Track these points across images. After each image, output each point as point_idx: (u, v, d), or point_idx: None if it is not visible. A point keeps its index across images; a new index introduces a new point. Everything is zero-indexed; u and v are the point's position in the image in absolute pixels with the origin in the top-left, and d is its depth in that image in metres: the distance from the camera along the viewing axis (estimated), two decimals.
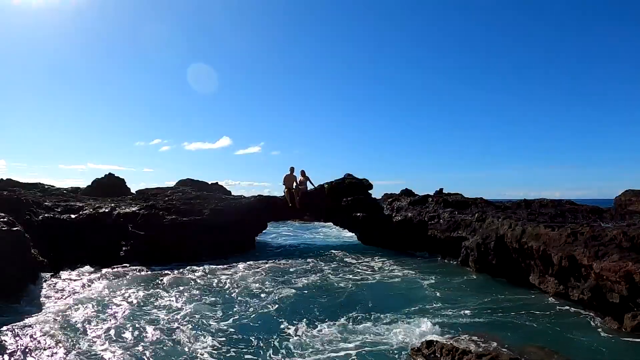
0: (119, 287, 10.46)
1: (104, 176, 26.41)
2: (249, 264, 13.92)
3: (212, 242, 15.34)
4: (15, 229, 10.60)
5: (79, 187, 26.29)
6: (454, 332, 7.52)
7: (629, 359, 6.85)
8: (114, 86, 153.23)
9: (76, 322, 7.91)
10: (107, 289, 10.26)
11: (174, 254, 14.36)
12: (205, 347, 6.85)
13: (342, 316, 8.49)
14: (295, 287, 10.75)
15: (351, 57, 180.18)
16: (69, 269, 12.42)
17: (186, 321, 8.02)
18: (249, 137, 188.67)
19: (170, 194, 19.13)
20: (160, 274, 12.23)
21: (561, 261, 9.64)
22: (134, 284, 10.90)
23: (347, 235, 22.15)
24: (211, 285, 10.87)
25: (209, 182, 32.79)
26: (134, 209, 15.74)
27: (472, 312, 8.97)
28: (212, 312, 8.66)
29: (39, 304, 9.01)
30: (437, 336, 7.29)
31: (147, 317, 8.26)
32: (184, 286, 10.72)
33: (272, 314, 8.58)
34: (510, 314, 8.88)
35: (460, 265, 14.10)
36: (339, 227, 20.38)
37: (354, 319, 8.32)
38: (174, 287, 10.68)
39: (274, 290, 10.44)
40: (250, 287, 10.69)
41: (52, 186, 25.28)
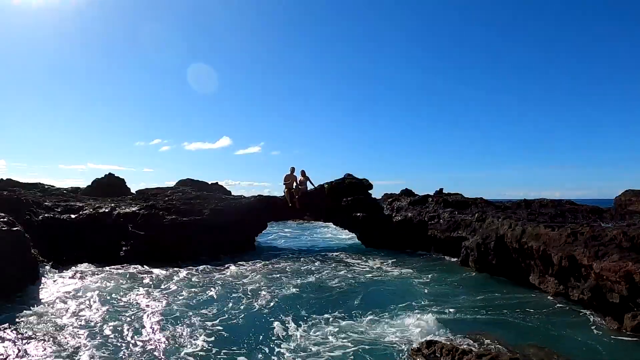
0: (118, 287, 10.47)
1: (104, 176, 26.43)
2: (248, 264, 13.96)
3: (212, 242, 15.36)
4: (15, 229, 10.60)
5: (79, 187, 26.30)
6: (454, 332, 7.51)
7: (629, 359, 6.84)
8: (114, 86, 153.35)
9: (73, 321, 7.92)
10: (106, 289, 10.26)
11: (174, 254, 14.36)
12: (197, 347, 6.82)
13: (340, 315, 8.49)
14: (292, 288, 10.74)
15: (351, 57, 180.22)
16: (69, 268, 12.43)
17: (181, 321, 8.00)
18: (249, 137, 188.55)
19: (170, 194, 19.14)
20: (159, 274, 12.23)
21: (561, 261, 9.64)
22: (133, 284, 10.90)
23: (347, 235, 22.16)
24: (209, 285, 10.85)
25: (209, 182, 32.86)
26: (134, 209, 15.75)
27: (472, 311, 8.97)
28: (208, 312, 8.62)
29: (39, 303, 9.01)
30: (437, 336, 7.30)
31: (143, 316, 8.26)
32: (182, 286, 10.71)
33: (268, 315, 8.55)
34: (510, 313, 8.88)
35: (460, 265, 14.09)
36: (338, 227, 20.38)
37: (352, 318, 8.32)
38: (171, 287, 10.68)
39: (271, 290, 10.43)
40: (248, 288, 10.67)
41: (52, 186, 25.29)
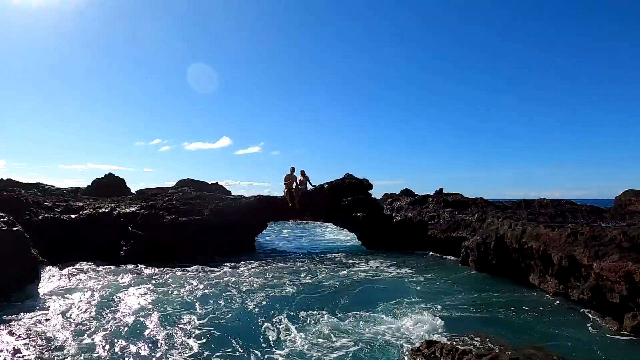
0: (116, 287, 10.43)
1: (104, 176, 26.44)
2: (247, 264, 13.91)
3: (212, 242, 15.36)
4: (15, 229, 10.60)
5: (79, 187, 26.32)
6: (454, 332, 7.51)
7: (629, 359, 6.84)
8: (114, 86, 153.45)
9: (71, 321, 7.93)
10: (104, 289, 10.23)
11: (174, 254, 14.37)
12: (189, 349, 6.79)
13: (338, 316, 8.48)
14: (289, 288, 10.69)
15: (351, 57, 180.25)
16: (69, 268, 12.42)
17: (176, 322, 7.94)
18: (249, 137, 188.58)
19: (170, 194, 19.15)
20: (157, 273, 12.21)
21: (561, 261, 9.64)
22: (131, 284, 10.87)
23: (345, 237, 22.18)
24: (206, 286, 10.76)
25: (209, 182, 32.88)
26: (134, 209, 15.75)
27: (472, 311, 8.98)
28: (203, 312, 8.56)
29: (38, 303, 9.01)
30: (437, 335, 7.30)
31: (138, 317, 8.24)
32: (180, 287, 10.64)
33: (264, 315, 8.45)
34: (510, 313, 8.88)
35: (460, 265, 14.10)
36: (338, 227, 20.38)
37: (350, 318, 8.29)
38: (169, 287, 10.62)
39: (269, 291, 10.37)
40: (245, 289, 10.60)
41: (52, 186, 25.31)
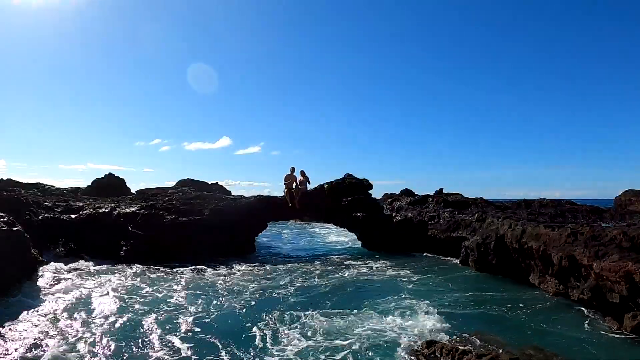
0: (113, 287, 10.40)
1: (104, 176, 26.47)
2: (246, 265, 13.79)
3: (212, 242, 15.34)
4: (15, 229, 10.59)
5: (79, 187, 26.35)
6: (454, 332, 7.51)
7: (629, 359, 6.84)
8: (114, 86, 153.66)
9: (64, 319, 7.99)
10: (101, 288, 10.21)
11: (174, 254, 14.36)
12: (175, 349, 6.76)
13: (337, 316, 8.45)
14: (285, 290, 10.60)
15: (351, 57, 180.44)
16: (69, 268, 12.39)
17: (166, 322, 7.93)
18: (249, 137, 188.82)
19: (170, 194, 19.13)
20: (155, 273, 12.21)
21: (561, 261, 9.64)
22: (127, 284, 10.82)
23: (345, 238, 22.15)
24: (203, 287, 10.69)
25: (209, 182, 32.95)
26: (134, 209, 15.74)
27: (472, 311, 8.98)
28: (196, 313, 8.52)
29: (36, 302, 8.99)
30: (437, 335, 7.30)
31: (129, 315, 8.27)
32: (176, 287, 10.61)
33: (257, 316, 8.35)
34: (510, 313, 8.87)
35: (460, 265, 14.10)
36: (338, 227, 20.36)
37: (351, 318, 8.28)
38: (166, 287, 10.56)
39: (265, 292, 10.28)
40: (242, 289, 10.49)
41: (52, 186, 25.33)
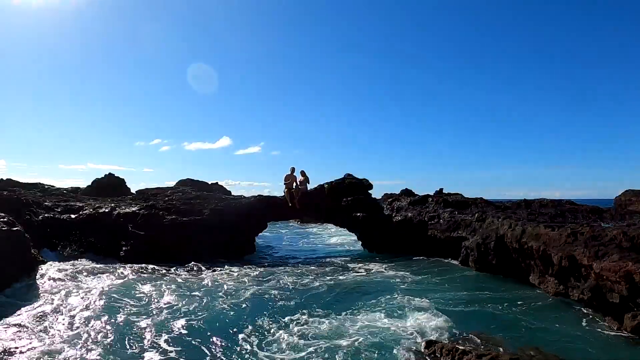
0: (109, 287, 10.39)
1: (104, 176, 26.46)
2: (245, 266, 13.65)
3: (212, 243, 15.34)
4: (15, 229, 10.61)
5: (79, 187, 26.35)
6: (454, 332, 7.51)
7: (629, 359, 6.84)
8: (114, 86, 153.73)
9: (64, 319, 8.02)
10: (98, 288, 10.17)
11: (174, 254, 14.35)
12: (161, 349, 6.76)
13: (337, 315, 8.46)
14: (282, 291, 10.41)
15: (351, 57, 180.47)
16: (68, 268, 12.37)
17: (153, 322, 7.90)
18: (249, 137, 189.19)
19: (170, 194, 19.13)
20: (153, 274, 12.20)
21: (561, 261, 9.63)
22: (124, 284, 10.80)
23: (343, 239, 22.15)
24: (197, 287, 10.60)
25: (209, 182, 32.94)
26: (134, 209, 15.74)
27: (472, 311, 8.98)
28: (187, 314, 8.48)
29: (36, 302, 8.99)
30: (437, 335, 7.29)
31: (120, 316, 8.28)
32: (172, 288, 10.53)
33: (249, 319, 8.22)
34: (510, 313, 8.87)
35: (460, 265, 14.09)
36: (338, 227, 20.36)
37: (351, 317, 8.29)
38: (161, 288, 10.47)
39: (259, 294, 10.13)
40: (235, 292, 10.27)
41: (52, 186, 25.33)
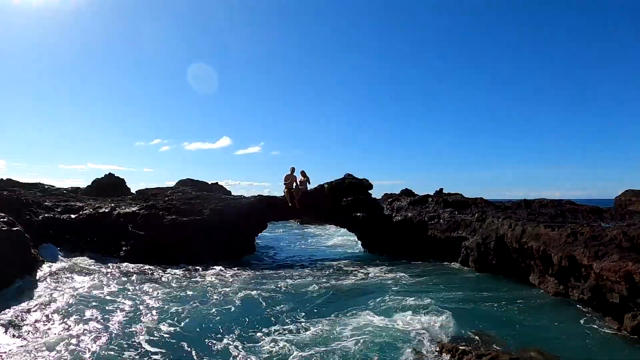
0: (106, 287, 10.41)
1: (104, 176, 26.46)
2: (240, 268, 13.51)
3: (211, 243, 15.32)
4: (15, 228, 10.61)
5: (79, 187, 26.35)
6: (454, 332, 7.51)
7: (629, 359, 6.84)
8: (114, 86, 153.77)
9: (62, 319, 8.05)
10: (95, 289, 10.21)
11: (174, 254, 14.34)
12: (143, 351, 6.74)
13: (336, 315, 8.47)
14: (276, 294, 10.26)
15: (351, 57, 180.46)
16: (68, 268, 12.36)
17: (142, 324, 7.87)
18: (249, 137, 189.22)
19: (170, 194, 19.12)
20: (152, 274, 12.21)
21: (561, 261, 9.64)
22: (121, 284, 10.78)
23: (346, 238, 22.14)
24: (190, 289, 10.50)
25: (209, 182, 32.95)
26: (134, 209, 15.74)
27: (472, 311, 8.97)
28: (174, 315, 8.41)
29: (35, 302, 9.00)
30: (437, 335, 7.30)
31: (110, 317, 8.29)
32: (165, 289, 10.48)
33: (239, 323, 8.13)
34: (510, 313, 8.87)
35: (460, 265, 14.08)
36: (338, 227, 20.36)
37: (351, 317, 8.28)
38: (156, 289, 10.45)
39: (251, 297, 9.90)
40: (234, 292, 10.13)
41: (52, 186, 25.33)
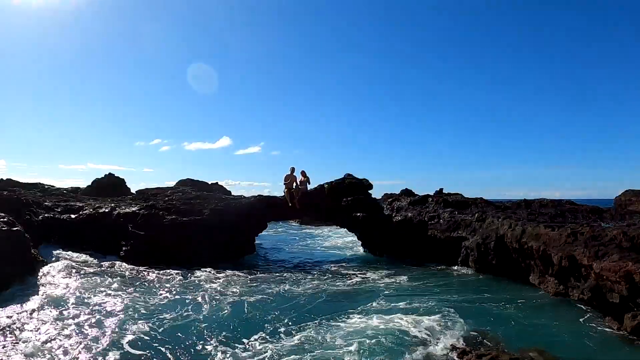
0: (105, 287, 10.41)
1: (104, 176, 26.45)
2: (237, 269, 13.40)
3: (212, 243, 15.30)
4: (15, 229, 10.61)
5: (79, 187, 26.33)
6: (454, 332, 7.51)
7: (629, 359, 6.84)
8: (114, 86, 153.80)
9: (54, 318, 8.11)
10: (93, 289, 10.21)
11: (174, 254, 14.32)
12: (124, 351, 6.76)
13: (336, 315, 8.49)
14: (272, 298, 10.11)
15: (351, 57, 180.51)
16: (67, 268, 12.32)
17: (132, 327, 7.83)
18: (249, 137, 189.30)
19: (170, 194, 19.11)
20: (149, 275, 12.21)
21: (561, 261, 9.64)
22: (118, 284, 10.75)
23: (346, 238, 22.13)
24: (184, 291, 10.45)
25: (209, 182, 32.92)
26: (134, 209, 15.73)
27: (472, 311, 8.97)
28: (166, 318, 8.39)
29: (34, 301, 9.01)
30: (437, 335, 7.30)
31: (102, 316, 8.31)
32: (161, 291, 10.46)
33: (224, 327, 8.07)
34: (510, 313, 8.88)
35: (460, 265, 14.07)
36: (338, 227, 20.35)
37: (350, 318, 8.30)
38: (152, 290, 10.46)
39: (244, 300, 9.78)
40: (221, 297, 10.03)
41: (52, 186, 25.31)
